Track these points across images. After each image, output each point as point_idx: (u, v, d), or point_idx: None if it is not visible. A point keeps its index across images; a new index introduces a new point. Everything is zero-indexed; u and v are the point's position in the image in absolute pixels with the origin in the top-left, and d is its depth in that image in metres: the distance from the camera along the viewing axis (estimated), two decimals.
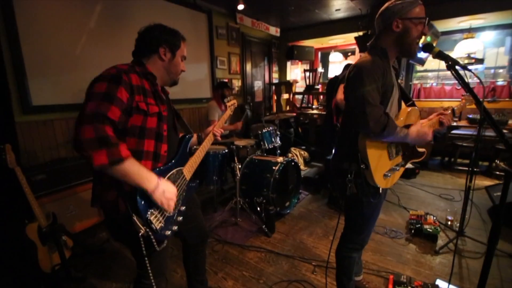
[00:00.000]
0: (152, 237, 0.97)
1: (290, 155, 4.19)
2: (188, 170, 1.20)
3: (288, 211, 2.77)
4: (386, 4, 1.18)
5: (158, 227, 0.99)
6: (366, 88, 1.10)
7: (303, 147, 4.57)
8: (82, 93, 0.97)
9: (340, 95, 1.87)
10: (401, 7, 1.14)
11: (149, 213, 0.97)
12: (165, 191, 0.98)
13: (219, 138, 1.42)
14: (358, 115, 1.11)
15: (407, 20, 1.14)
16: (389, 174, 1.21)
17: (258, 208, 2.53)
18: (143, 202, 0.95)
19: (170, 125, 1.15)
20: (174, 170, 1.11)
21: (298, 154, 4.26)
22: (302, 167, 4.15)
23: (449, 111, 1.37)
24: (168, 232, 1.04)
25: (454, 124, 3.90)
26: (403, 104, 1.37)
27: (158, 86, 1.11)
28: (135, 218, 0.93)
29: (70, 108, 2.54)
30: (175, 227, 1.09)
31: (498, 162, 1.09)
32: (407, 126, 1.30)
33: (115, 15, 2.92)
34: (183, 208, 1.11)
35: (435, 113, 1.39)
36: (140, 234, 0.94)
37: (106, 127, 0.87)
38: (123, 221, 0.98)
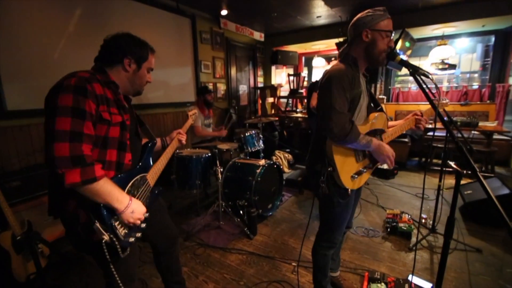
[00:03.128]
0: (116, 243, 0.95)
1: (274, 158, 4.25)
2: (152, 176, 1.18)
3: (271, 213, 2.81)
4: (358, 15, 1.27)
5: (122, 234, 0.98)
6: (334, 96, 1.17)
7: (288, 150, 4.64)
8: None
9: (314, 101, 1.94)
10: (370, 19, 1.22)
11: (113, 219, 0.95)
12: (134, 211, 0.98)
13: (184, 142, 1.46)
14: (325, 121, 1.18)
15: (376, 31, 1.22)
16: (356, 176, 1.28)
17: (241, 211, 2.56)
18: (107, 209, 0.94)
19: (132, 133, 1.13)
20: (138, 176, 1.10)
21: (282, 157, 4.33)
22: (286, 169, 4.22)
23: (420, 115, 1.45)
24: (132, 239, 1.03)
25: (430, 126, 4.08)
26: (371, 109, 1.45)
27: (120, 95, 1.07)
28: (97, 224, 0.90)
29: None
30: (139, 234, 1.07)
31: (448, 162, 1.18)
32: (374, 131, 1.37)
33: (96, 19, 2.90)
34: (147, 214, 1.07)
35: (411, 114, 1.46)
36: (103, 241, 0.91)
37: (83, 145, 0.87)
38: (84, 230, 0.94)
